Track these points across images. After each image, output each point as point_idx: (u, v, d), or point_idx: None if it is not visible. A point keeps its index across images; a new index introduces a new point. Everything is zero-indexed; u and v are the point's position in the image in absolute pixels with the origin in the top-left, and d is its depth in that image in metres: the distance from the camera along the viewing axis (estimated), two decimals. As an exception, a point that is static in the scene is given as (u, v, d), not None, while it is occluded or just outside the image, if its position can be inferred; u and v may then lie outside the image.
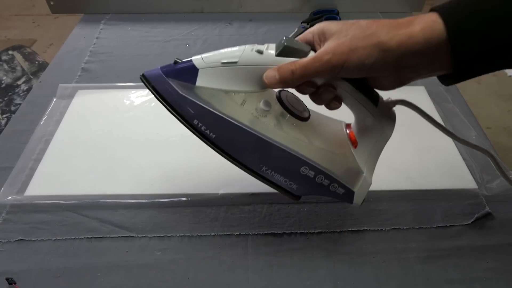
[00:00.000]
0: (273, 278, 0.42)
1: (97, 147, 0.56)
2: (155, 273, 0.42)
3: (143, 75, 0.38)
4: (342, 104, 0.38)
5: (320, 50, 0.34)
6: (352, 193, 0.40)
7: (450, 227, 0.47)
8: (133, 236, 0.46)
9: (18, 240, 0.45)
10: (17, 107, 0.91)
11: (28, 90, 1.02)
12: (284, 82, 0.35)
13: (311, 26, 0.86)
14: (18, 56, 1.14)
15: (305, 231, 0.46)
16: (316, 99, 0.37)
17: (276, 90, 0.40)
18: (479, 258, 0.44)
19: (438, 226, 0.47)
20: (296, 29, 0.82)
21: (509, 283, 0.42)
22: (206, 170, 0.53)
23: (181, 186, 0.51)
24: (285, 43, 0.34)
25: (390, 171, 0.51)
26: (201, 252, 0.44)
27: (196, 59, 0.38)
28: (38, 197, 0.49)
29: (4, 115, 0.96)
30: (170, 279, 0.42)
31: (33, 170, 0.52)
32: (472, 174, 0.52)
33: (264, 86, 0.36)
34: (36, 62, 1.13)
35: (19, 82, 1.06)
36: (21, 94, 1.02)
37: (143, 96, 0.65)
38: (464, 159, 0.54)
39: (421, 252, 0.44)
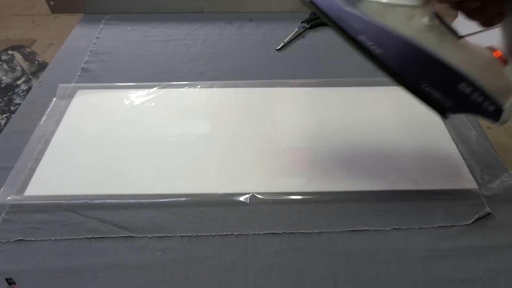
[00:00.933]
0: (273, 278, 0.42)
1: (97, 147, 0.56)
2: (155, 273, 0.42)
3: None
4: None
5: None
6: (501, 111, 0.40)
7: (451, 227, 0.46)
8: (133, 236, 0.45)
9: (18, 240, 0.45)
10: (16, 107, 0.91)
11: (28, 90, 1.01)
12: None
13: (311, 26, 0.87)
14: (18, 56, 1.14)
15: (305, 231, 0.46)
16: (481, 13, 0.37)
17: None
18: (480, 258, 0.43)
19: (439, 226, 0.47)
20: (296, 29, 0.82)
21: (510, 283, 0.41)
22: (206, 170, 0.53)
23: (181, 186, 0.51)
24: None
25: (390, 171, 0.51)
26: (201, 252, 0.44)
27: None
28: (37, 197, 0.49)
29: (4, 115, 0.95)
30: (170, 279, 0.42)
31: (32, 170, 0.52)
32: (472, 174, 0.52)
33: None
34: (36, 62, 1.13)
35: (18, 82, 1.06)
36: (20, 94, 1.02)
37: (143, 96, 0.65)
38: (464, 159, 0.54)
39: (421, 252, 0.44)
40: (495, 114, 0.41)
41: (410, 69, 0.39)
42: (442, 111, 0.41)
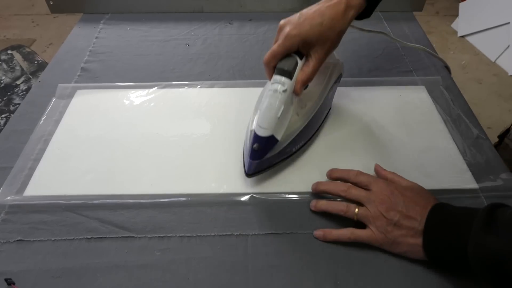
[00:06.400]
0: (273, 278, 0.42)
1: (97, 147, 0.56)
2: (155, 273, 0.42)
3: None
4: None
5: None
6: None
7: (451, 227, 0.46)
8: (133, 236, 0.45)
9: (17, 240, 0.45)
10: (16, 107, 0.90)
11: (27, 90, 1.01)
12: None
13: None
14: (17, 56, 1.14)
15: (305, 231, 0.46)
16: None
17: None
18: (480, 258, 0.43)
19: (439, 226, 0.46)
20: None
21: (510, 283, 0.41)
22: (206, 170, 0.53)
23: (181, 186, 0.51)
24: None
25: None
26: (201, 252, 0.44)
27: None
28: (37, 197, 0.49)
29: (3, 115, 0.95)
30: (170, 279, 0.42)
31: (32, 170, 0.52)
32: (472, 174, 0.52)
33: None
34: (36, 62, 1.13)
35: (18, 82, 1.06)
36: (20, 94, 1.02)
37: (142, 96, 0.64)
38: (464, 159, 0.54)
39: (421, 252, 0.44)
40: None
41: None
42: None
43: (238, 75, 0.70)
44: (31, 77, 1.07)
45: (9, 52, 1.15)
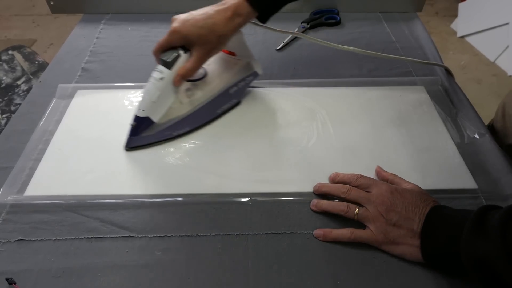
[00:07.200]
0: (273, 278, 0.42)
1: (97, 147, 0.56)
2: (155, 273, 0.42)
3: None
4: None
5: None
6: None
7: (450, 227, 0.46)
8: (133, 236, 0.46)
9: (18, 240, 0.45)
10: (17, 107, 0.90)
11: (28, 90, 1.01)
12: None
13: (311, 26, 0.86)
14: (18, 56, 1.14)
15: (305, 231, 0.46)
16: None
17: None
18: (479, 258, 0.43)
19: (438, 226, 0.46)
20: (296, 29, 0.82)
21: (509, 283, 0.41)
22: (206, 170, 0.53)
23: (181, 186, 0.51)
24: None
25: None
26: (202, 252, 0.44)
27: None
28: (38, 197, 0.49)
29: (4, 115, 0.95)
30: (171, 279, 0.42)
31: (33, 170, 0.52)
32: (472, 174, 0.52)
33: None
34: (36, 62, 1.13)
35: (19, 82, 1.06)
36: (21, 94, 1.02)
37: (143, 96, 0.65)
38: (464, 159, 0.54)
39: (421, 252, 0.44)
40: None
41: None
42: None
43: (238, 75, 0.70)
44: (31, 77, 1.08)
45: (9, 52, 1.15)
